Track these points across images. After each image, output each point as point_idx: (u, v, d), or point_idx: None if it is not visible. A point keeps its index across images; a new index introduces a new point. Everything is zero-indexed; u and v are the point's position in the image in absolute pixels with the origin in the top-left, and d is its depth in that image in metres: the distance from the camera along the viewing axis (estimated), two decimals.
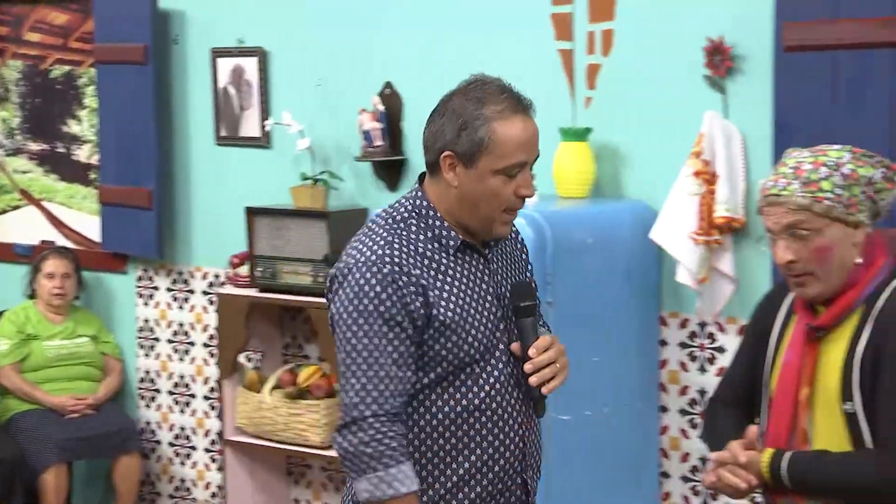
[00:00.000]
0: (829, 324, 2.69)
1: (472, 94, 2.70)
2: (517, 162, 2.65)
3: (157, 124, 5.74)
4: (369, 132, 5.06)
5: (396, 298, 2.63)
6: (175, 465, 6.00)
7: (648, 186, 4.56)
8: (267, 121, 5.44)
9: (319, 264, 5.04)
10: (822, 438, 2.68)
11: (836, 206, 2.61)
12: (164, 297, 5.97)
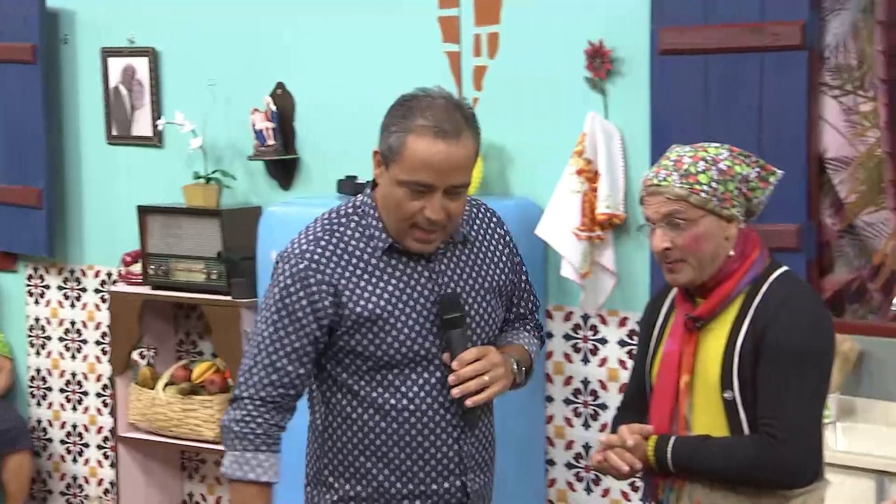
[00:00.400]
0: (707, 314, 2.74)
1: (410, 102, 2.66)
2: (420, 181, 2.59)
3: (47, 123, 5.71)
4: (262, 131, 5.09)
5: (303, 295, 2.66)
6: (67, 463, 5.97)
7: (533, 184, 4.64)
8: (159, 120, 5.45)
9: (212, 262, 5.07)
10: (702, 425, 2.73)
11: (712, 198, 2.67)
12: (55, 296, 5.94)
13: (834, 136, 4.16)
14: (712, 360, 2.72)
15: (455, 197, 2.64)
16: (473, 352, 2.70)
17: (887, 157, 4.07)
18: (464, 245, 2.80)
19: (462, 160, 2.62)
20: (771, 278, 2.75)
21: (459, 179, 2.63)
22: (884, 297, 4.10)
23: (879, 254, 4.11)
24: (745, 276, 2.74)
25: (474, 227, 2.85)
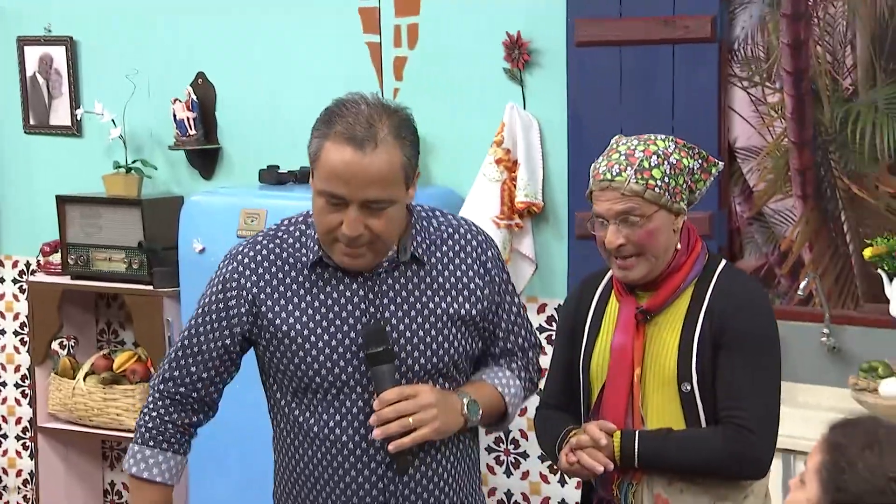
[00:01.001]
0: (658, 307, 2.71)
1: (336, 107, 2.47)
2: (332, 191, 2.40)
3: None
4: (182, 121, 5.09)
5: (222, 298, 2.57)
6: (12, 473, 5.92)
7: (454, 174, 4.69)
8: (77, 110, 5.43)
9: (133, 251, 5.06)
10: (657, 418, 2.70)
11: (664, 194, 2.64)
12: None
13: (743, 126, 4.24)
14: (667, 352, 2.70)
15: (376, 213, 2.42)
16: (395, 391, 2.47)
17: (793, 147, 4.16)
18: (416, 265, 2.58)
19: (377, 173, 2.39)
20: (718, 270, 2.75)
21: (376, 194, 2.40)
22: (790, 283, 4.20)
23: (786, 240, 4.20)
24: (693, 268, 2.74)
25: (435, 247, 2.61)
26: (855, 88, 4.07)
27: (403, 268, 2.57)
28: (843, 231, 4.13)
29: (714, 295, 2.71)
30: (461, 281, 2.61)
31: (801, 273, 4.17)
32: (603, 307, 2.83)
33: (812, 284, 4.08)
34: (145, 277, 5.04)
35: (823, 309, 4.08)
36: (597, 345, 2.80)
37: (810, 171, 4.15)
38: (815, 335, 4.07)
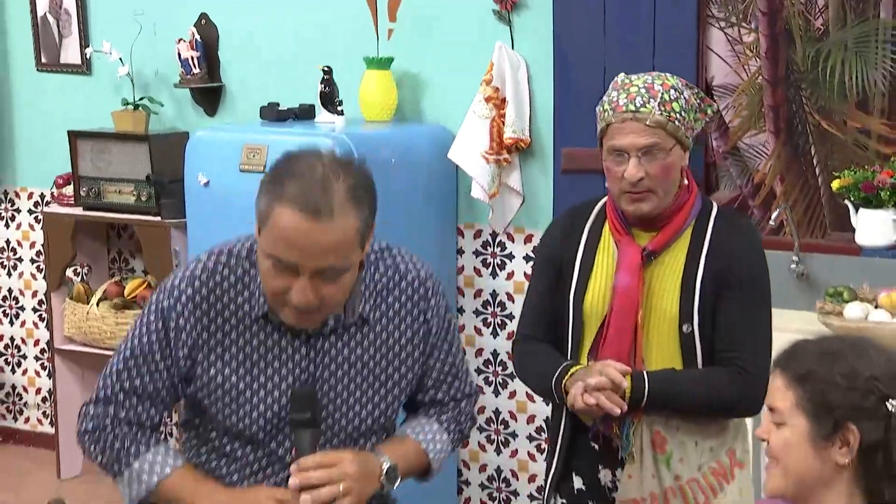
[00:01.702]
0: (662, 247, 2.65)
1: (290, 163, 2.19)
2: (280, 256, 2.14)
3: None
4: (187, 60, 5.05)
5: (164, 337, 2.32)
6: (6, 373, 5.95)
7: (445, 111, 4.66)
8: (87, 48, 5.39)
9: (142, 184, 5.05)
10: (656, 358, 2.66)
11: (681, 127, 2.58)
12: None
13: (720, 64, 4.23)
14: (669, 293, 2.65)
15: (329, 281, 2.16)
16: (316, 458, 2.22)
17: (767, 84, 4.15)
18: (360, 324, 2.36)
19: (332, 242, 2.13)
20: (714, 212, 2.70)
21: (329, 263, 2.14)
22: (762, 213, 4.20)
23: (759, 173, 4.21)
24: (693, 208, 2.68)
25: (381, 299, 2.38)
26: (826, 28, 4.06)
27: (350, 328, 2.35)
28: (812, 164, 4.13)
29: (713, 236, 2.66)
30: (403, 337, 2.40)
31: (773, 204, 4.17)
32: (595, 242, 2.74)
33: (783, 215, 4.09)
34: (153, 209, 5.03)
35: (793, 238, 4.09)
36: (591, 282, 2.71)
37: (783, 107, 4.16)
38: (785, 262, 4.07)
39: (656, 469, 2.67)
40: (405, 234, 4.49)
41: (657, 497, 2.67)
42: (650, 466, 2.67)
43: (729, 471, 2.71)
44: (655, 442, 2.67)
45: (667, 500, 2.67)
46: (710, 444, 2.69)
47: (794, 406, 2.04)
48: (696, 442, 2.69)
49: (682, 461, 2.68)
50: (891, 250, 3.93)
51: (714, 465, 2.69)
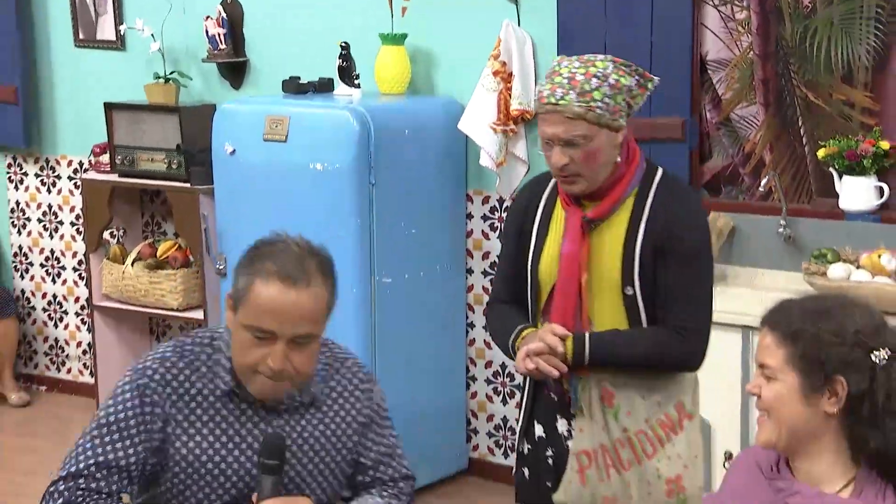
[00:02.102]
0: (602, 216, 2.61)
1: (263, 246, 2.28)
2: (263, 327, 2.19)
3: (20, 28, 5.57)
4: (214, 37, 5.02)
5: (141, 412, 2.27)
6: (49, 328, 5.95)
7: (456, 84, 4.61)
8: (121, 26, 5.35)
9: (173, 152, 5.01)
10: (602, 319, 2.63)
11: (605, 114, 2.51)
12: (33, 182, 5.86)
13: (714, 40, 4.16)
14: (612, 258, 2.61)
15: (301, 348, 2.23)
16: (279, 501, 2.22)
17: (757, 59, 4.09)
18: (312, 407, 2.37)
19: (309, 310, 2.21)
20: (656, 180, 2.63)
21: (306, 329, 2.22)
22: (752, 180, 4.15)
23: (750, 143, 4.15)
24: (633, 178, 2.62)
25: (330, 384, 2.40)
26: (814, 6, 3.98)
27: (302, 409, 2.35)
28: (800, 134, 4.07)
29: (654, 204, 2.60)
30: (349, 415, 2.40)
31: (763, 172, 4.12)
32: (549, 212, 2.70)
33: (772, 182, 4.04)
34: (183, 176, 5.00)
35: (781, 203, 4.04)
36: (545, 249, 2.68)
37: (772, 81, 4.09)
38: (773, 226, 4.04)
39: (605, 422, 2.64)
40: (417, 201, 4.46)
41: (607, 448, 2.64)
42: (599, 419, 2.64)
43: (677, 423, 2.66)
44: (604, 396, 2.64)
45: (616, 451, 2.63)
46: (657, 398, 2.65)
47: (785, 362, 2.04)
48: (643, 396, 2.64)
49: (629, 414, 2.63)
50: (872, 215, 3.89)
51: (662, 418, 2.65)
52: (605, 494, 2.63)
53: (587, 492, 2.64)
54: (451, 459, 4.76)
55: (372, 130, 4.24)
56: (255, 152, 4.44)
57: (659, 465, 2.62)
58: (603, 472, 2.63)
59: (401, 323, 4.44)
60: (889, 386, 2.00)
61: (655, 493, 2.62)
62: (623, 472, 2.62)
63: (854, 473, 2.05)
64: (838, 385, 2.00)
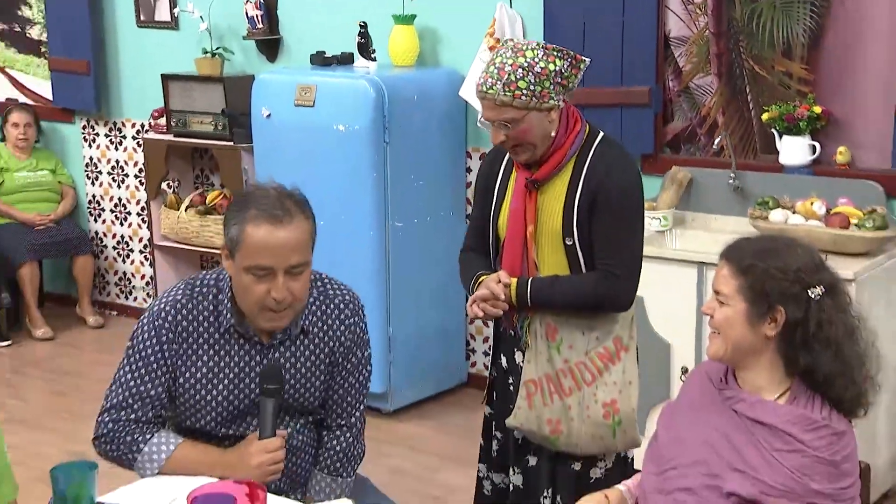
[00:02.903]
0: (544, 178, 2.53)
1: (245, 196, 2.22)
2: (261, 265, 2.13)
3: (91, 11, 5.51)
4: (253, 17, 4.95)
5: (163, 342, 2.24)
6: (118, 263, 5.95)
7: (458, 57, 4.55)
8: (175, 9, 5.29)
9: (218, 116, 4.98)
10: (548, 266, 2.56)
11: (531, 99, 2.41)
12: (103, 141, 5.83)
13: (676, 20, 4.09)
14: (554, 213, 2.53)
15: (296, 277, 2.17)
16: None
17: (712, 37, 4.03)
18: (303, 337, 2.30)
19: (296, 241, 2.15)
20: (594, 145, 2.54)
21: (297, 259, 2.16)
22: (707, 140, 4.11)
23: (705, 108, 4.10)
24: (573, 145, 2.52)
25: (316, 318, 2.31)
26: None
27: (292, 339, 2.29)
28: (747, 101, 4.02)
29: (590, 166, 2.51)
30: (330, 346, 2.32)
31: (716, 132, 4.07)
32: (508, 174, 2.62)
33: (723, 141, 4.00)
34: (227, 136, 4.97)
35: (731, 159, 4.00)
36: (503, 206, 2.61)
37: (724, 55, 4.04)
38: (724, 178, 4.00)
39: (549, 354, 2.58)
40: (424, 157, 4.43)
41: (551, 377, 2.58)
42: (544, 352, 2.58)
43: (614, 354, 2.59)
44: (548, 332, 2.58)
45: (559, 380, 2.58)
46: (596, 333, 2.58)
47: (736, 291, 2.05)
48: (584, 332, 2.57)
49: (571, 347, 2.57)
50: (806, 168, 3.86)
51: (601, 351, 2.58)
52: (549, 417, 2.58)
53: (533, 415, 2.59)
54: (453, 374, 4.76)
55: (386, 97, 4.20)
56: (288, 116, 4.40)
57: (597, 391, 2.57)
58: (547, 398, 2.58)
59: (411, 260, 4.43)
60: (820, 317, 2.01)
61: (593, 416, 2.57)
62: (565, 397, 2.57)
63: (789, 385, 2.06)
64: (778, 313, 2.01)
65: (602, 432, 2.58)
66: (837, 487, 1.97)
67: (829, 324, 2.01)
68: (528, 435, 2.63)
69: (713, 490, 2.01)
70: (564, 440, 2.58)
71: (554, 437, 2.58)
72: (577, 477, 2.63)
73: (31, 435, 4.34)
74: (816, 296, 2.00)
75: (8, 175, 5.67)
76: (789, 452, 1.97)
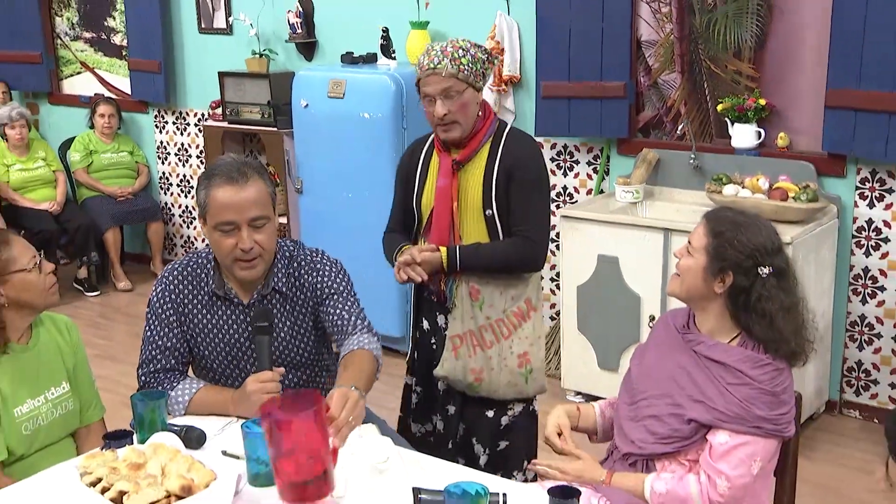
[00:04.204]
0: (466, 158, 2.46)
1: (209, 168, 2.15)
2: (226, 220, 2.07)
3: (162, 21, 5.45)
4: (293, 24, 4.89)
5: (168, 302, 2.21)
6: (183, 228, 5.92)
7: None
8: (229, 17, 5.22)
9: (265, 106, 4.91)
10: (469, 235, 2.49)
11: (470, 75, 2.38)
12: (171, 128, 5.78)
13: (646, 27, 4.02)
14: (474, 189, 2.46)
15: (259, 230, 2.09)
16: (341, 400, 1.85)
17: (676, 40, 3.96)
18: (281, 297, 2.20)
19: (255, 198, 2.07)
20: (506, 132, 2.48)
21: (257, 212, 2.08)
22: (672, 126, 4.05)
23: (671, 99, 4.03)
24: (488, 131, 2.47)
25: (295, 279, 2.21)
26: (715, 3, 3.84)
27: (268, 299, 2.20)
28: (705, 94, 3.95)
29: (504, 149, 2.45)
30: (307, 301, 2.22)
31: (679, 120, 4.02)
32: (428, 161, 2.55)
33: (686, 128, 3.95)
34: (272, 122, 4.91)
35: (691, 142, 3.94)
36: (425, 187, 2.53)
37: (686, 56, 3.96)
38: (685, 158, 3.95)
39: (473, 313, 2.50)
40: None
41: (474, 332, 2.51)
42: (468, 310, 2.50)
43: (525, 313, 2.52)
44: (471, 293, 2.50)
45: (481, 334, 2.51)
46: (511, 293, 2.51)
47: (703, 247, 2.03)
48: (501, 292, 2.50)
49: (491, 306, 2.50)
50: (753, 150, 3.80)
51: (515, 309, 2.51)
52: (472, 367, 2.52)
53: (459, 365, 2.52)
54: None
55: (404, 90, 4.13)
56: (322, 105, 4.34)
57: (512, 344, 2.51)
58: (471, 350, 2.51)
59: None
60: (761, 292, 1.98)
61: (510, 365, 2.51)
62: (486, 349, 2.51)
63: (739, 331, 2.04)
64: (727, 277, 1.99)
65: (516, 380, 2.52)
66: (777, 413, 1.96)
67: (768, 300, 1.98)
68: (453, 383, 2.55)
69: (677, 417, 2.02)
70: (486, 387, 2.52)
71: (476, 384, 2.52)
72: (489, 422, 2.57)
73: (116, 368, 4.35)
74: (764, 274, 1.98)
75: (96, 156, 5.64)
76: (739, 385, 1.97)
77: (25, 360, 2.21)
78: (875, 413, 3.69)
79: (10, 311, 2.17)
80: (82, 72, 6.09)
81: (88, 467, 1.81)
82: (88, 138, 5.67)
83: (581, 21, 4.02)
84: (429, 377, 2.62)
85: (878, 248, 3.60)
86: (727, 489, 1.92)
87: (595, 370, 3.79)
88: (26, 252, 2.20)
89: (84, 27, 5.99)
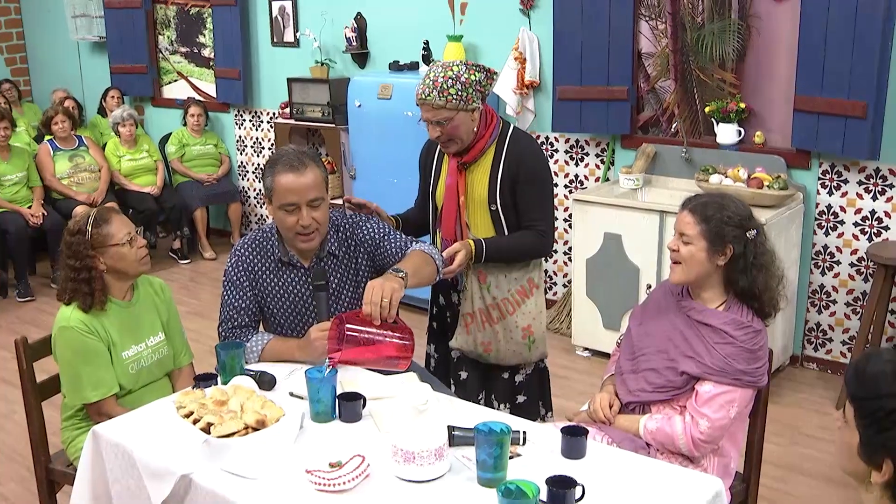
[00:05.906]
0: (471, 161, 2.35)
1: (273, 157, 2.12)
2: (289, 202, 2.05)
3: (241, 37, 5.38)
4: (349, 38, 4.84)
5: (241, 270, 2.18)
6: (258, 208, 5.88)
7: (493, 64, 4.28)
8: (297, 32, 5.18)
9: (325, 106, 4.87)
10: (476, 228, 2.39)
11: (459, 102, 2.25)
12: (248, 124, 5.75)
13: (646, 41, 3.93)
14: (480, 186, 2.35)
15: (316, 209, 2.07)
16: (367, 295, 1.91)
17: (671, 52, 3.87)
18: (333, 258, 2.18)
19: (311, 182, 2.05)
20: (509, 134, 2.36)
21: (314, 195, 2.06)
22: (667, 124, 3.97)
23: (666, 102, 3.95)
24: (491, 136, 2.34)
25: (341, 243, 2.19)
26: (703, 22, 3.75)
27: (325, 261, 2.17)
28: (695, 98, 3.86)
29: (508, 150, 2.34)
30: (356, 259, 2.20)
31: (673, 119, 3.93)
32: (442, 158, 2.45)
33: (679, 126, 3.88)
34: (331, 120, 4.88)
35: (683, 138, 3.87)
36: (440, 183, 2.44)
37: (680, 66, 3.88)
38: (678, 152, 3.87)
39: (481, 293, 2.42)
40: None
41: (482, 310, 2.43)
42: (477, 291, 2.42)
43: (528, 291, 2.44)
44: (479, 277, 2.41)
45: (489, 312, 2.43)
46: (515, 275, 2.42)
47: (698, 234, 2.00)
48: (506, 275, 2.42)
49: (497, 287, 2.42)
50: (734, 146, 3.72)
51: (518, 289, 2.43)
52: (482, 340, 2.45)
53: (470, 339, 2.46)
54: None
55: None
56: (373, 106, 4.31)
57: (517, 319, 2.44)
58: (480, 326, 2.44)
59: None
60: (755, 250, 1.98)
61: (515, 337, 2.45)
62: (493, 324, 2.43)
63: (725, 298, 2.03)
64: (728, 249, 1.97)
65: (520, 349, 2.47)
66: (754, 367, 1.97)
67: (762, 254, 1.99)
68: (466, 353, 2.49)
69: (671, 370, 2.02)
70: (494, 356, 2.47)
71: (486, 354, 2.47)
72: (505, 382, 2.52)
73: (203, 322, 4.38)
74: (752, 235, 1.98)
75: (188, 149, 5.66)
76: (724, 344, 1.97)
77: (128, 314, 2.28)
78: (829, 366, 3.67)
79: (110, 275, 2.24)
80: (178, 79, 6.10)
81: (182, 402, 1.89)
82: (182, 134, 5.69)
83: (591, 35, 3.94)
84: (444, 346, 2.58)
85: (836, 229, 3.56)
86: (707, 428, 1.95)
87: (601, 329, 3.78)
88: (122, 228, 2.24)
89: (180, 43, 6.00)
